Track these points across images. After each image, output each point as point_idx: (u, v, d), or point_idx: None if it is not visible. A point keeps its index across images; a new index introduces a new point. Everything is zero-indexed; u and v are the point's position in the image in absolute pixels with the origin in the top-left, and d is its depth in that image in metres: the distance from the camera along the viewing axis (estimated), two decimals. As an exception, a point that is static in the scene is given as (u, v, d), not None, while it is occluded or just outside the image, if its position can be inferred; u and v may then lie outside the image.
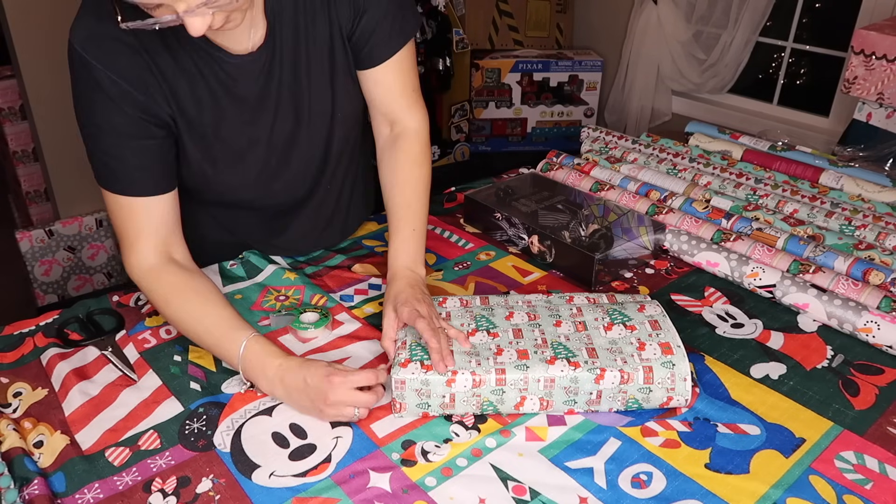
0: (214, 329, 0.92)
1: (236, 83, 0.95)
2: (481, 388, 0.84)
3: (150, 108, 0.91)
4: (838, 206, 1.26)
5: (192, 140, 0.97)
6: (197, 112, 0.95)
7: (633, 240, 1.23)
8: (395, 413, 0.86)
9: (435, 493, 0.76)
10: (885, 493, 0.77)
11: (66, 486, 0.77)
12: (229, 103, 0.96)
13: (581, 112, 3.14)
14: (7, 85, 2.41)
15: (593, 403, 0.86)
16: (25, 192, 2.56)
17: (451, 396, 0.84)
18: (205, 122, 0.96)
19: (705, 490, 0.77)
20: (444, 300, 0.99)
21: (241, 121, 0.98)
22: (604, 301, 0.99)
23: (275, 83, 0.98)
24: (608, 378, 0.85)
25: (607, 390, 0.85)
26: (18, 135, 2.48)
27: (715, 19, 2.62)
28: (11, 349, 0.99)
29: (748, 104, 2.74)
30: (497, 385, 0.84)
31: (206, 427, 0.85)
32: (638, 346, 0.88)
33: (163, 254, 0.96)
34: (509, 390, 0.85)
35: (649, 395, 0.86)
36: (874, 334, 0.99)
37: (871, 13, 2.27)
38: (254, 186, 1.06)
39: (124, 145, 0.91)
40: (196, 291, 0.94)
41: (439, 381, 0.84)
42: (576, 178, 1.41)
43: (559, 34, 3.21)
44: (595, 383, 0.85)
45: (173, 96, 0.92)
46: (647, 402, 0.87)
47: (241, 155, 1.01)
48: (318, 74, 1.00)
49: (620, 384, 0.85)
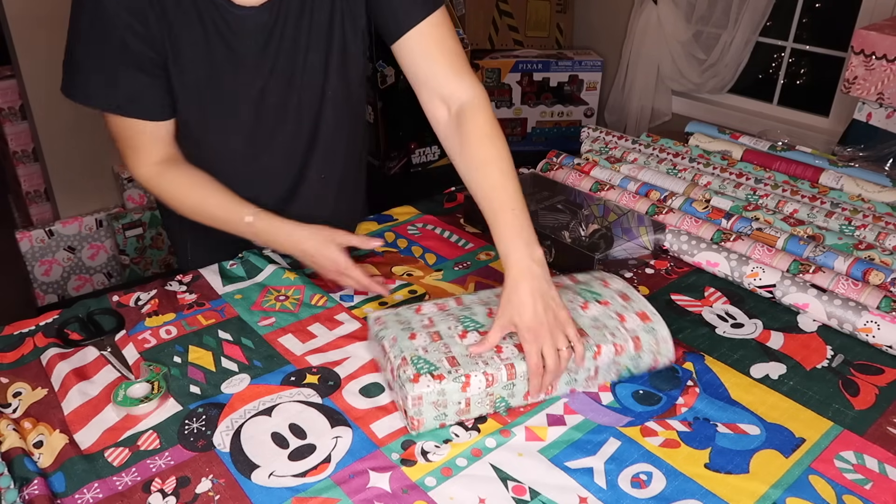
0: (220, 214, 1.04)
1: (234, 36, 0.95)
2: (494, 387, 0.84)
3: (147, 41, 0.92)
4: (838, 206, 1.26)
5: (182, 87, 0.98)
6: (191, 57, 0.95)
7: (633, 240, 1.23)
8: (413, 431, 0.84)
9: (435, 493, 0.76)
10: (884, 493, 0.77)
11: (65, 486, 0.77)
12: (224, 55, 0.97)
13: (581, 112, 3.14)
14: (7, 85, 2.41)
15: (591, 380, 0.89)
16: (25, 192, 2.56)
17: (466, 401, 0.84)
18: (197, 70, 0.97)
19: (705, 490, 0.77)
20: (419, 308, 0.96)
21: (233, 76, 0.99)
22: (568, 282, 1.00)
23: (273, 45, 0.98)
24: (605, 353, 0.88)
25: (604, 365, 0.89)
26: (18, 135, 2.48)
27: (715, 19, 2.62)
28: (11, 349, 0.99)
29: (748, 104, 2.74)
30: (508, 380, 0.85)
31: (205, 427, 0.85)
32: (619, 319, 0.92)
33: (160, 161, 1.03)
34: (519, 383, 0.85)
35: (639, 362, 0.91)
36: (874, 334, 0.99)
37: (871, 13, 2.27)
38: (242, 159, 1.07)
39: (117, 68, 0.94)
40: (192, 186, 1.04)
41: (455, 388, 0.83)
42: (576, 178, 1.41)
43: (559, 34, 3.21)
44: (594, 360, 0.88)
45: (169, 35, 0.93)
46: (637, 368, 0.91)
47: (230, 113, 1.03)
48: (315, 46, 1.01)
49: (615, 357, 0.89)
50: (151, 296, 1.09)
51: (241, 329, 1.02)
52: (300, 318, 1.05)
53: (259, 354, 0.97)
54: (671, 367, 0.94)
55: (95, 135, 2.39)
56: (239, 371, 0.94)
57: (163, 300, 1.08)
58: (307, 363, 0.95)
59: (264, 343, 0.99)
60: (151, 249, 2.63)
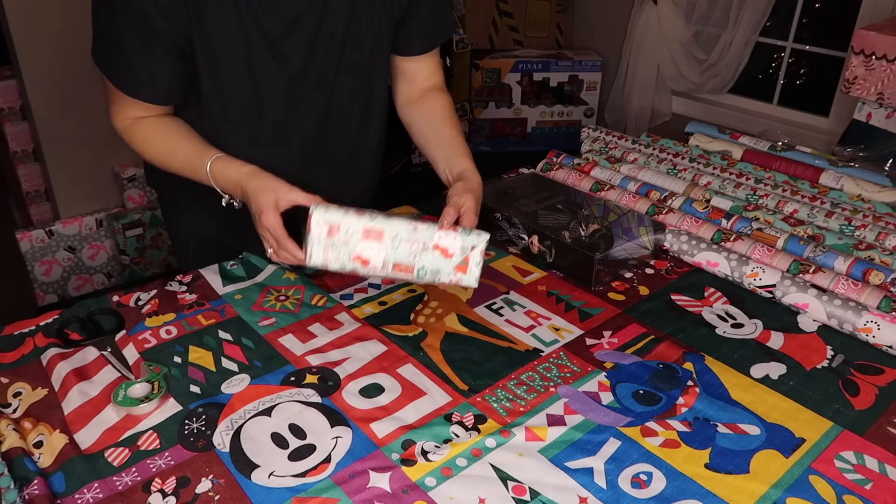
0: (187, 161, 1.02)
1: (269, 21, 0.97)
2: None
3: (171, 19, 0.93)
4: (838, 206, 1.26)
5: (208, 73, 0.99)
6: (221, 41, 0.96)
7: (633, 240, 1.23)
8: (307, 259, 0.90)
9: (435, 494, 0.76)
10: (884, 493, 0.77)
11: (65, 486, 0.77)
12: (258, 43, 0.98)
13: (581, 112, 3.14)
14: (7, 85, 2.41)
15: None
16: (25, 192, 2.56)
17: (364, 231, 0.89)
18: (227, 56, 0.98)
19: (705, 490, 0.77)
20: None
21: (261, 60, 1.00)
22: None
23: (309, 34, 1.01)
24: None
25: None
26: (18, 135, 2.48)
27: (715, 19, 2.62)
28: (11, 349, 0.99)
29: (748, 104, 2.74)
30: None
31: (205, 427, 0.85)
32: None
33: (141, 116, 1.03)
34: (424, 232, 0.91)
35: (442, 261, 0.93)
36: (874, 334, 0.99)
37: (871, 13, 2.27)
38: (260, 147, 1.07)
39: (133, 42, 0.94)
40: (163, 132, 1.03)
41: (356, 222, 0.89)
42: (576, 178, 1.41)
43: (559, 34, 3.21)
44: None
45: (198, 17, 0.94)
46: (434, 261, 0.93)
47: (255, 101, 1.04)
48: (355, 41, 1.05)
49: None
50: (151, 296, 1.09)
51: (241, 329, 1.02)
52: (300, 319, 1.05)
53: (259, 354, 0.97)
54: (671, 367, 0.94)
55: (95, 135, 2.39)
56: (239, 371, 0.94)
57: (163, 300, 1.08)
58: (307, 363, 0.96)
59: (264, 343, 1.00)
60: (151, 249, 2.63)
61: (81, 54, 1.19)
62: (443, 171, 1.09)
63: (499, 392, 0.91)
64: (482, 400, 0.90)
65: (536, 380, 0.93)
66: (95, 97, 2.22)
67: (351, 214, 0.90)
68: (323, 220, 0.89)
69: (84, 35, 1.01)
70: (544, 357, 0.97)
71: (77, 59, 2.17)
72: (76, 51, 2.16)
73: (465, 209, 0.96)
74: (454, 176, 1.05)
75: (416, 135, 1.17)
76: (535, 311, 1.07)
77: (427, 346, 0.99)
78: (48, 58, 2.22)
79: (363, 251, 0.91)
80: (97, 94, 1.16)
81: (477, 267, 0.94)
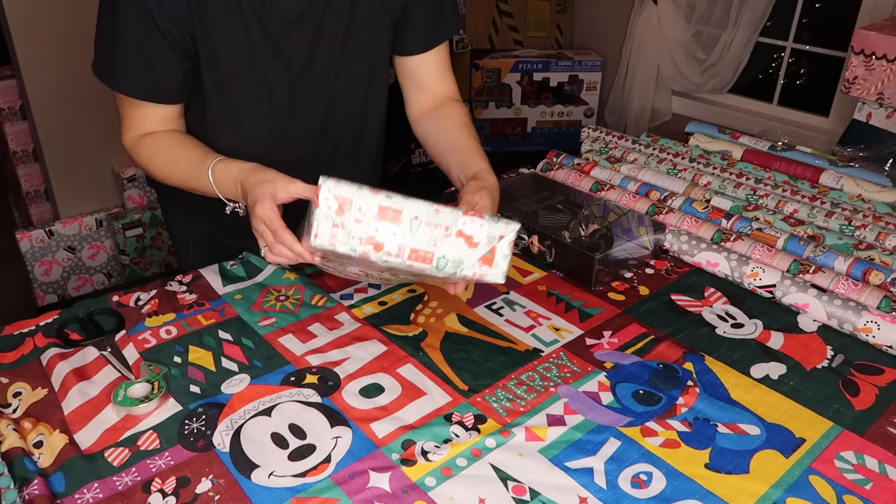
0: (190, 169, 0.99)
1: (272, 21, 0.97)
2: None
3: (175, 19, 0.93)
4: (838, 206, 1.26)
5: (209, 72, 0.99)
6: (224, 40, 0.96)
7: (633, 240, 1.23)
8: (312, 239, 0.78)
9: (435, 494, 0.76)
10: (885, 493, 0.77)
11: (65, 486, 0.77)
12: (261, 42, 0.98)
13: (581, 112, 3.14)
14: (7, 85, 2.41)
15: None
16: (25, 192, 2.56)
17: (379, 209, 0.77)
18: (230, 54, 0.98)
19: (705, 490, 0.77)
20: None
21: (266, 63, 1.00)
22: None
23: (310, 34, 1.00)
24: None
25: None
26: (18, 135, 2.48)
27: (715, 19, 2.62)
28: (11, 349, 0.99)
29: (748, 104, 2.74)
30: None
31: (205, 427, 0.85)
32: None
33: (149, 133, 1.03)
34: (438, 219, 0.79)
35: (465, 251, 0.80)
36: (874, 334, 0.99)
37: (871, 13, 2.27)
38: (261, 147, 1.07)
39: (135, 44, 0.94)
40: (168, 144, 1.02)
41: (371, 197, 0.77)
42: (576, 178, 1.41)
43: (559, 34, 3.21)
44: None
45: (200, 16, 0.94)
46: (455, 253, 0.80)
47: (256, 101, 1.04)
48: (356, 40, 1.04)
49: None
50: (151, 296, 1.09)
51: (241, 329, 1.02)
52: (300, 319, 1.05)
53: (259, 354, 0.97)
54: (671, 367, 0.94)
55: (95, 135, 2.39)
56: (239, 371, 0.94)
57: (163, 300, 1.08)
58: (307, 363, 0.96)
59: (264, 343, 1.00)
60: (151, 249, 2.63)
61: (82, 54, 1.19)
62: (456, 177, 1.03)
63: (499, 392, 0.91)
64: (482, 400, 0.90)
65: (536, 380, 0.93)
66: (95, 97, 2.23)
67: (365, 190, 0.77)
68: (333, 193, 0.76)
69: (84, 35, 1.01)
70: (544, 357, 0.97)
71: (77, 59, 2.17)
72: (76, 51, 2.16)
73: (480, 208, 0.89)
74: (468, 177, 0.99)
75: (431, 146, 1.12)
76: (535, 311, 1.07)
77: (427, 346, 0.99)
78: (48, 58, 2.22)
79: (377, 233, 0.78)
80: (97, 94, 1.16)
81: (504, 261, 0.81)
